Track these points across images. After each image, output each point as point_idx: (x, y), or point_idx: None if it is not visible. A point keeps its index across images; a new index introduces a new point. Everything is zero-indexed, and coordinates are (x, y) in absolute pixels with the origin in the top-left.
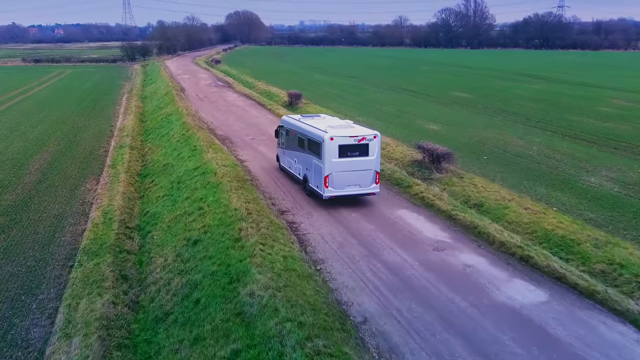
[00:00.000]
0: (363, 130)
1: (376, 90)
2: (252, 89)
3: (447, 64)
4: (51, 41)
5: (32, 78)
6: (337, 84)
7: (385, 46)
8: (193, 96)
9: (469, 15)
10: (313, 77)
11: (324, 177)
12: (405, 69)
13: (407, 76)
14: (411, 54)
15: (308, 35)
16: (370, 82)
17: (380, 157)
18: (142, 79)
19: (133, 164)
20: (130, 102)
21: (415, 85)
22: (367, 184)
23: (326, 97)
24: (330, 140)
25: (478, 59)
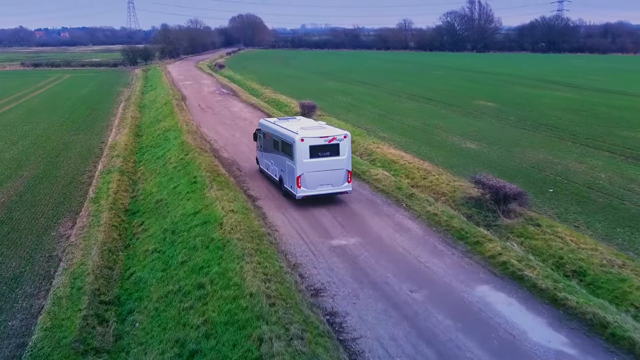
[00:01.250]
0: (334, 130)
1: (393, 99)
2: (259, 97)
3: (458, 69)
4: (56, 44)
5: (29, 83)
6: (350, 91)
7: (390, 50)
8: (195, 106)
9: (474, 19)
10: (323, 83)
11: (296, 177)
12: (417, 74)
13: (422, 82)
14: (418, 58)
15: (312, 39)
16: (384, 88)
17: (351, 156)
18: (141, 85)
19: (120, 196)
20: (127, 112)
21: (433, 92)
22: (340, 183)
23: (341, 108)
24: (301, 142)
25: (488, 63)
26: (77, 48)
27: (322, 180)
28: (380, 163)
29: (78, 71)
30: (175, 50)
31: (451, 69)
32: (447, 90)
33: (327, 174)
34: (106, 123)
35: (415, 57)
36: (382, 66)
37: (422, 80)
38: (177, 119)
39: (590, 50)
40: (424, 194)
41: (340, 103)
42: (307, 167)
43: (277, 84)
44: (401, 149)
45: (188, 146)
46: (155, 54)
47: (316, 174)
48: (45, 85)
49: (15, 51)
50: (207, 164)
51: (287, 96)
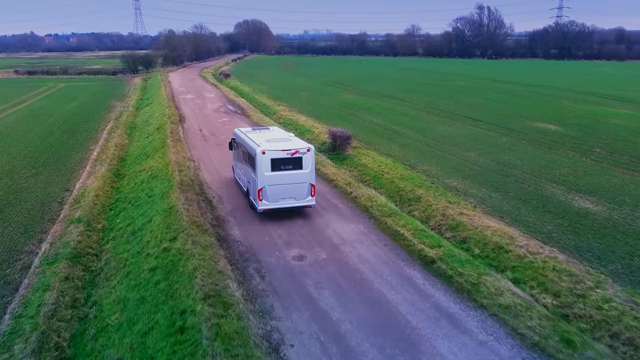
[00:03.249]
0: (298, 143)
1: (431, 119)
2: (273, 117)
3: (481, 78)
4: (62, 50)
5: (14, 95)
6: (376, 107)
7: (398, 56)
8: (195, 131)
9: (483, 25)
10: (340, 96)
11: (257, 190)
12: (439, 84)
13: (450, 94)
14: (431, 65)
15: (318, 45)
16: (414, 104)
17: (314, 170)
18: (138, 98)
19: (61, 313)
20: (113, 136)
21: (473, 109)
22: (302, 196)
23: (376, 134)
24: (262, 154)
25: (508, 71)
26: (82, 54)
27: (285, 193)
28: (481, 251)
29: (74, 80)
30: (178, 57)
31: (474, 79)
32: (489, 108)
33: (290, 188)
34: (82, 155)
35: (428, 65)
36: (398, 75)
37: (450, 92)
38: (168, 159)
39: (607, 57)
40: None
41: (373, 127)
42: (268, 180)
43: (291, 98)
44: (498, 218)
45: (177, 219)
46: (157, 61)
47: (278, 187)
48: (32, 98)
49: (19, 56)
50: (208, 270)
51: (306, 116)
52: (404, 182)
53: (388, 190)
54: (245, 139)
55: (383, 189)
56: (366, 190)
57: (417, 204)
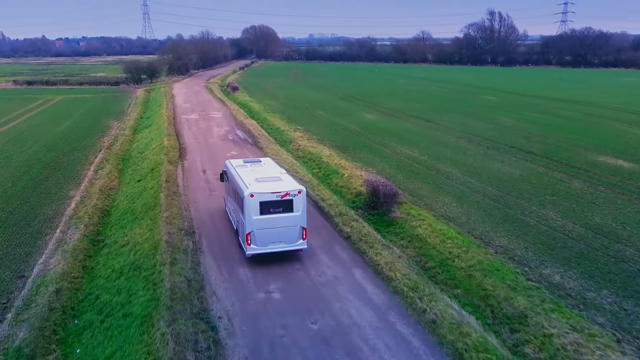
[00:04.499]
0: (288, 184)
1: (481, 152)
2: (290, 148)
3: (511, 92)
4: (71, 55)
5: (5, 111)
6: (408, 134)
7: (408, 63)
8: (197, 173)
9: (495, 30)
10: (363, 117)
11: (245, 234)
12: (465, 99)
13: (485, 114)
14: (445, 74)
15: (326, 51)
16: (448, 128)
17: (306, 212)
18: (137, 116)
19: None
20: (100, 174)
21: (520, 136)
22: (293, 240)
23: (422, 178)
24: (250, 197)
25: (532, 81)
26: (90, 59)
27: (274, 237)
28: None
29: (74, 91)
30: (184, 66)
31: (500, 92)
32: (536, 135)
33: (280, 231)
34: (56, 207)
35: (442, 74)
36: (415, 87)
37: (482, 111)
38: (159, 236)
39: (625, 64)
40: None
41: (411, 164)
42: (257, 224)
43: (306, 119)
44: None
45: None
46: (162, 70)
47: (267, 231)
48: (23, 114)
49: (27, 62)
50: None
51: (329, 147)
52: (488, 278)
53: (469, 293)
54: (235, 175)
55: (460, 288)
56: (443, 301)
57: (523, 329)
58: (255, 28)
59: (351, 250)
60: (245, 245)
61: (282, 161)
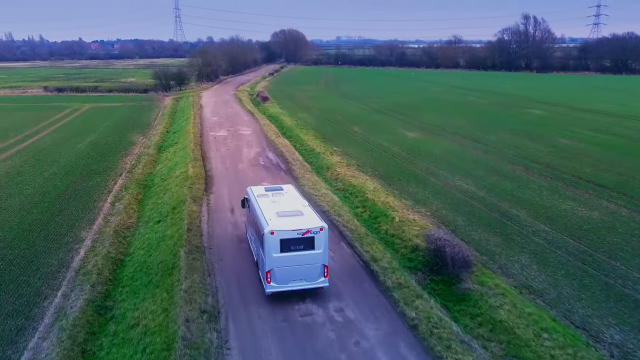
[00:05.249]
0: (310, 220)
1: (547, 187)
2: (327, 176)
3: (558, 104)
4: (104, 58)
5: (30, 122)
6: (458, 158)
7: (440, 68)
8: (225, 215)
9: (529, 35)
10: (404, 134)
11: (265, 271)
12: (512, 113)
13: (538, 133)
14: (481, 81)
15: (355, 56)
16: (500, 151)
17: (327, 249)
18: (163, 130)
19: None
20: (118, 208)
21: (583, 161)
22: (314, 278)
23: (489, 226)
24: (270, 235)
25: (574, 90)
26: (122, 62)
27: (295, 275)
28: None
29: (102, 99)
30: (213, 72)
31: (545, 104)
32: (601, 162)
33: (300, 269)
34: (62, 257)
35: (478, 81)
36: (453, 96)
37: (532, 129)
38: (176, 320)
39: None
40: None
41: (472, 205)
42: (277, 262)
43: (343, 138)
44: None
45: None
46: (190, 77)
47: (288, 268)
48: (47, 127)
49: (62, 65)
50: None
51: (372, 178)
52: None
53: None
54: (256, 206)
55: None
56: None
57: None
58: (285, 32)
59: (421, 351)
60: (265, 283)
61: (320, 197)
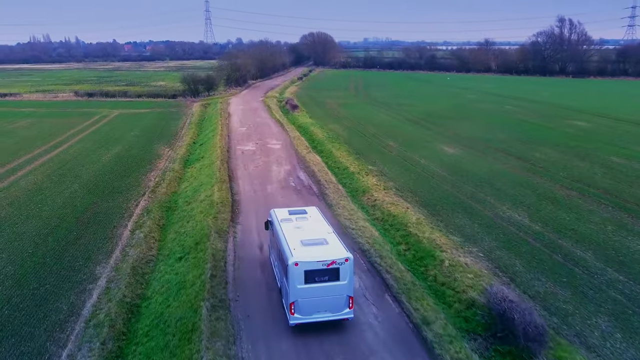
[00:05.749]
0: (335, 250)
1: (612, 222)
2: (365, 207)
3: (599, 114)
4: (136, 60)
5: (58, 131)
6: (502, 182)
7: (470, 72)
8: (252, 250)
9: (564, 39)
10: (441, 150)
11: (289, 303)
12: (553, 125)
13: (583, 148)
14: (515, 88)
15: (384, 59)
16: (549, 172)
17: (353, 280)
18: (190, 141)
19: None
20: (138, 238)
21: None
22: (339, 309)
23: (554, 274)
24: (294, 266)
25: (617, 99)
26: (153, 64)
27: (319, 307)
28: None
29: (131, 104)
30: (242, 77)
31: (589, 114)
32: None
33: (325, 300)
34: (74, 301)
35: (512, 87)
36: (489, 106)
37: (575, 143)
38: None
39: None
40: None
41: (528, 246)
42: (301, 293)
43: (378, 154)
44: None
45: None
46: (219, 82)
47: (312, 300)
48: (74, 136)
49: (95, 67)
50: None
51: (414, 206)
52: None
53: None
54: (279, 232)
55: None
56: None
57: None
58: (314, 35)
59: None
60: (289, 314)
61: (358, 232)
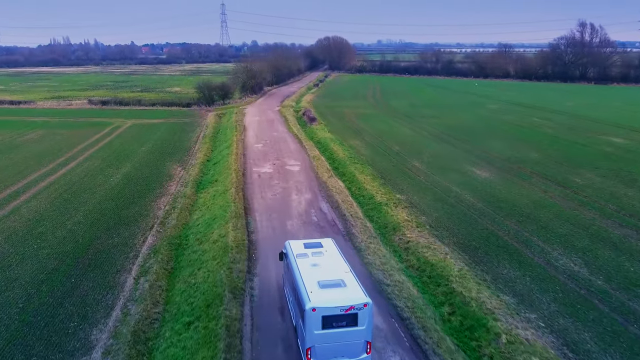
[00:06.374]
0: (353, 294)
1: None
2: (397, 251)
3: (633, 128)
4: (152, 63)
5: (66, 145)
6: (554, 215)
7: (489, 78)
8: (273, 316)
9: (585, 43)
10: (473, 173)
11: (306, 348)
12: (589, 144)
13: (632, 177)
14: (538, 96)
15: (400, 64)
16: (601, 204)
17: (372, 326)
18: (204, 158)
19: None
20: (142, 289)
21: None
22: (356, 354)
23: None
24: (312, 312)
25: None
26: (169, 67)
27: (336, 352)
28: None
29: (145, 113)
30: (257, 85)
31: (623, 129)
32: None
33: (342, 346)
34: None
35: (534, 95)
36: (513, 117)
37: (617, 165)
38: None
39: None
40: None
41: (598, 314)
42: (318, 339)
43: (405, 179)
44: None
45: None
46: (234, 91)
47: (329, 345)
48: (84, 151)
49: (111, 70)
50: None
51: (453, 251)
52: None
53: None
54: (295, 268)
55: None
56: None
57: None
58: (330, 39)
59: None
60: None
61: (394, 289)
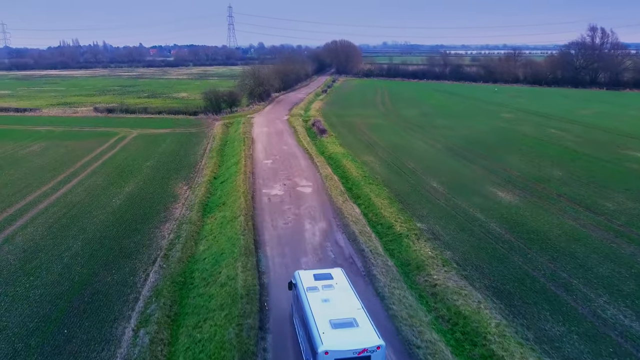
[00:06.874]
0: (366, 335)
1: None
2: (425, 296)
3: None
4: (160, 65)
5: (69, 159)
6: (591, 250)
7: (498, 83)
8: None
9: (596, 48)
10: (500, 200)
11: None
12: (612, 159)
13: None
14: (552, 104)
15: (408, 68)
16: (636, 232)
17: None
18: (210, 176)
19: None
20: (140, 351)
21: None
22: None
23: None
24: (324, 355)
25: None
26: (177, 70)
27: None
28: None
29: (151, 122)
30: (265, 92)
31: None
32: None
33: None
34: None
35: (547, 102)
36: (529, 128)
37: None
38: None
39: None
40: None
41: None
42: None
43: (425, 203)
44: None
45: None
46: (242, 98)
47: None
48: (86, 167)
49: (119, 73)
50: None
51: (486, 299)
52: None
53: None
54: (305, 304)
55: None
56: None
57: None
58: (337, 43)
59: None
60: None
61: (426, 351)
